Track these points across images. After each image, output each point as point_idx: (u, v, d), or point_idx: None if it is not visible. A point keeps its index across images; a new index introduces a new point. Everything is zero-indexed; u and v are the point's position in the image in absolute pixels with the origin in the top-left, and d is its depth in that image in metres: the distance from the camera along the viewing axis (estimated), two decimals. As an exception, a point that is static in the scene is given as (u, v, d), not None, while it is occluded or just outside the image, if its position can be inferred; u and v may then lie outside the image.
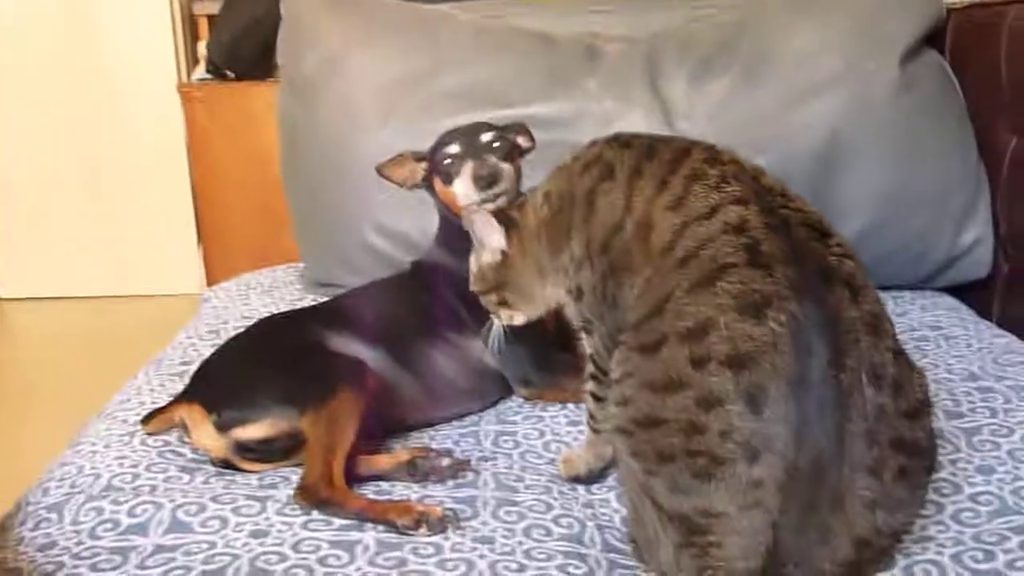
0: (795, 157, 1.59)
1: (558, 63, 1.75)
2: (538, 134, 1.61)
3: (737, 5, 1.86)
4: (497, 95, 1.71)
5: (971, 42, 1.69)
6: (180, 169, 3.24)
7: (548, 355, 1.38)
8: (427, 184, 1.44)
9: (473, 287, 1.21)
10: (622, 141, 1.09)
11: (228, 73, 2.58)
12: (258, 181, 2.44)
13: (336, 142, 1.75)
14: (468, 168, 1.33)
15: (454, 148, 1.37)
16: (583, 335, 1.13)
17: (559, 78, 1.73)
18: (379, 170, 1.45)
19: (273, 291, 1.83)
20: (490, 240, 1.15)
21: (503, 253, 1.14)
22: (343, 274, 1.76)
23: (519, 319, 1.19)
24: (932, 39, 1.70)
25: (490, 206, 1.29)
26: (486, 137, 1.37)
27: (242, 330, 1.38)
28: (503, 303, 1.18)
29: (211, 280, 2.49)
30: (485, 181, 1.32)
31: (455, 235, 1.34)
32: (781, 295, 0.84)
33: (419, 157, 1.43)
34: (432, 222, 1.50)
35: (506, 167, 1.35)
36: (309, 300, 1.72)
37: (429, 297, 1.40)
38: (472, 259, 1.20)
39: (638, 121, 1.65)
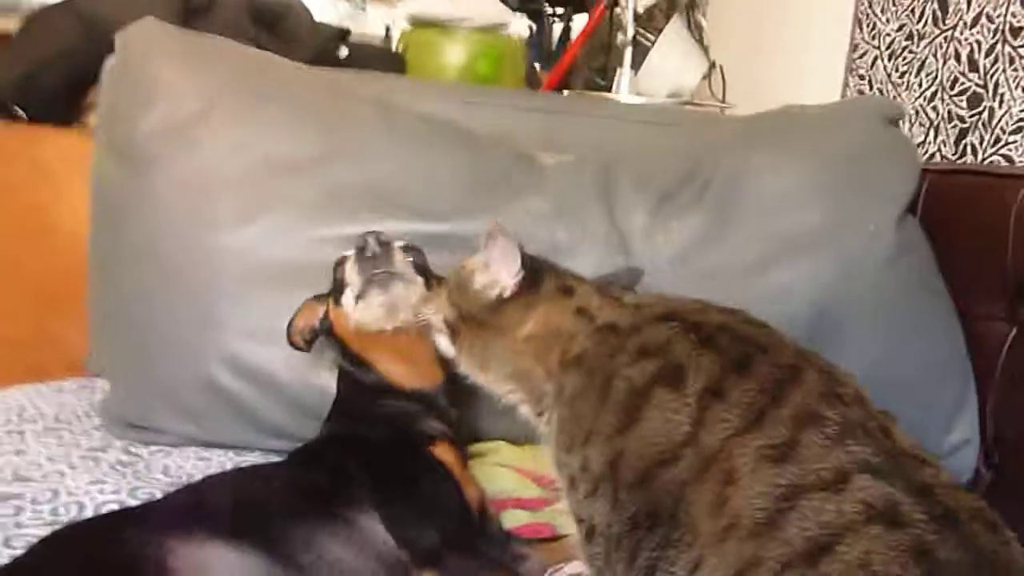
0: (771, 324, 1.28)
1: (489, 169, 1.37)
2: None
3: (693, 128, 1.58)
4: (410, 199, 1.31)
5: (956, 212, 1.48)
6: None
7: (468, 534, 1.03)
8: (326, 324, 1.15)
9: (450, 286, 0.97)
10: (704, 333, 0.76)
11: (17, 111, 1.98)
12: (36, 254, 1.85)
13: (179, 236, 1.26)
14: (354, 253, 1.10)
15: (349, 252, 1.12)
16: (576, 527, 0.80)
17: (492, 189, 1.34)
18: (288, 331, 1.16)
19: (60, 430, 1.28)
20: (498, 271, 0.91)
21: (500, 299, 0.89)
22: (169, 417, 1.27)
23: (444, 345, 0.98)
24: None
25: (377, 305, 1.06)
26: (397, 243, 1.13)
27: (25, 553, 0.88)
28: (453, 332, 0.94)
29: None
30: (369, 252, 1.08)
31: (359, 396, 1.12)
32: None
33: (322, 298, 1.16)
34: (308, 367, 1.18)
35: (402, 256, 1.11)
36: (118, 450, 1.22)
37: (321, 470, 1.05)
38: (465, 263, 0.97)
39: (594, 259, 1.30)
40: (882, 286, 1.34)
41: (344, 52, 1.96)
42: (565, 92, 2.25)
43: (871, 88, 1.92)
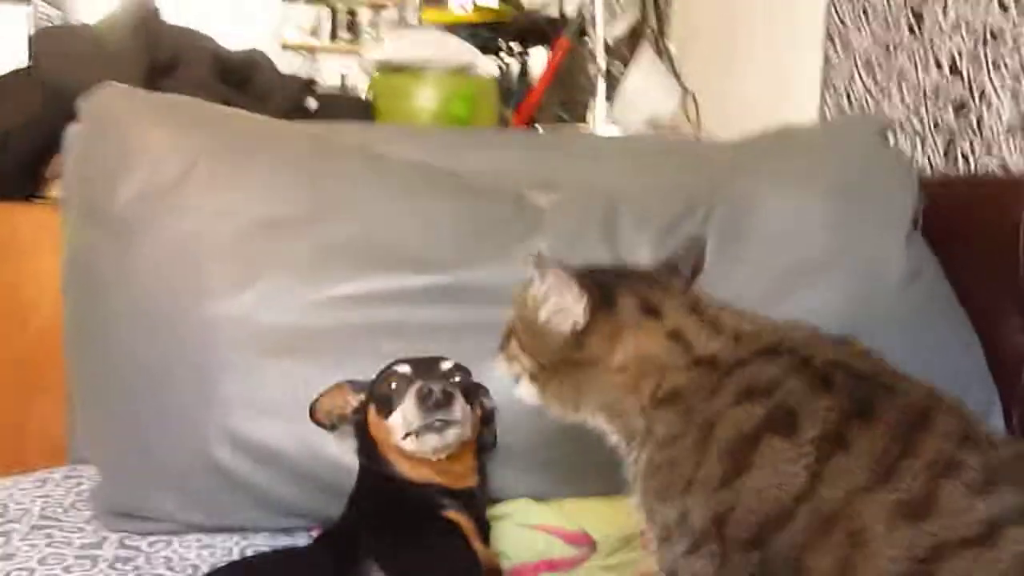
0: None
1: (486, 214, 1.32)
2: (467, 310, 1.19)
3: (682, 157, 1.54)
4: (407, 251, 1.25)
5: (958, 224, 1.44)
6: None
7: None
8: (357, 417, 1.11)
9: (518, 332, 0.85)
10: (818, 371, 0.69)
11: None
12: (7, 336, 1.75)
13: (169, 305, 1.19)
14: (414, 389, 1.03)
15: (403, 368, 1.08)
16: None
17: (491, 234, 1.29)
18: (313, 407, 1.11)
19: (49, 527, 1.19)
20: (560, 302, 0.80)
21: (576, 332, 0.78)
22: (168, 503, 1.18)
23: (527, 394, 0.85)
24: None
25: (435, 443, 1.03)
26: (445, 365, 1.10)
27: None
28: (534, 379, 0.84)
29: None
30: (433, 401, 1.01)
31: (376, 493, 1.09)
32: None
33: (359, 387, 1.11)
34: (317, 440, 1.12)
35: (462, 402, 1.05)
36: (114, 544, 1.14)
37: (335, 546, 1.04)
38: (524, 298, 0.86)
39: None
40: (897, 308, 1.30)
41: (313, 104, 1.91)
42: (538, 128, 2.22)
43: (849, 103, 1.91)
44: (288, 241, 1.22)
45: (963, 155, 1.60)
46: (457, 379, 1.08)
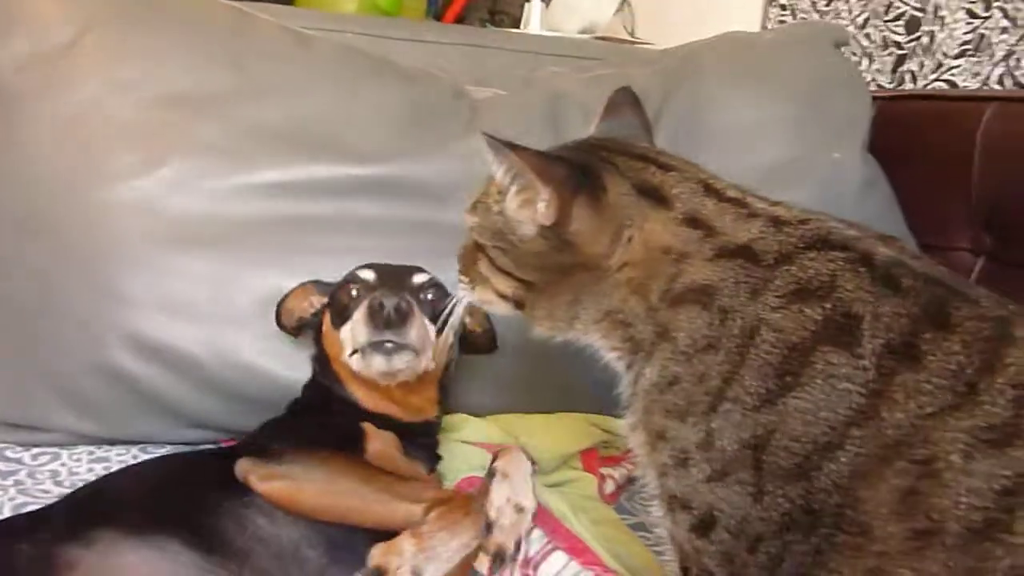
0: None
1: (424, 105, 1.19)
2: (404, 206, 1.08)
3: (626, 61, 1.44)
4: (339, 140, 1.12)
5: (909, 140, 1.40)
6: None
7: (311, 431, 0.92)
8: (316, 321, 1.01)
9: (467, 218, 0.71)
10: (880, 268, 0.57)
11: None
12: None
13: (60, 191, 1.04)
14: (367, 300, 0.91)
15: (367, 274, 0.97)
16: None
17: (430, 126, 1.17)
18: (278, 310, 1.02)
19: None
20: (532, 184, 0.64)
21: (555, 230, 0.64)
22: (57, 411, 1.05)
23: (499, 309, 0.71)
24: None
25: (380, 366, 0.90)
26: (419, 279, 0.98)
27: None
28: (516, 303, 0.70)
29: None
30: (384, 318, 0.89)
31: (323, 405, 0.97)
32: None
33: (323, 290, 1.01)
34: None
35: (427, 324, 0.93)
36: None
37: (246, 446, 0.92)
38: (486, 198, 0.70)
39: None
40: (858, 217, 1.25)
41: (223, -17, 1.72)
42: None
43: (794, 18, 1.84)
44: (202, 121, 1.08)
45: (912, 74, 1.56)
46: (429, 296, 0.96)
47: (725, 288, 0.59)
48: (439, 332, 0.91)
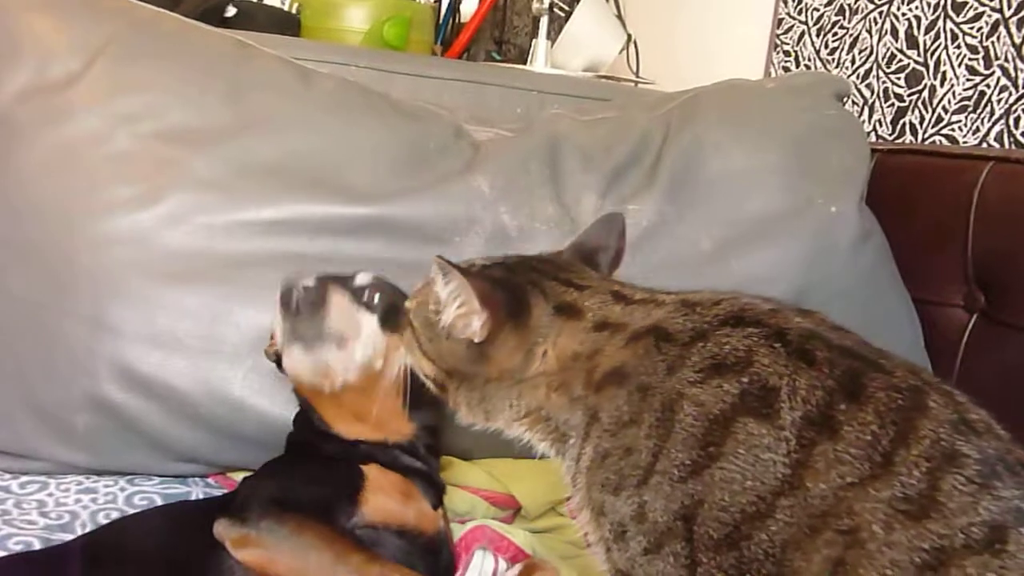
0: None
1: (422, 143, 1.20)
2: (401, 246, 1.09)
3: (629, 102, 1.45)
4: (334, 177, 1.13)
5: (907, 194, 1.40)
6: None
7: (294, 491, 0.86)
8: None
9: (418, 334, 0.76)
10: (794, 345, 0.59)
11: None
12: None
13: (55, 223, 1.05)
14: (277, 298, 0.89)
15: (308, 280, 0.90)
16: None
17: (427, 166, 1.17)
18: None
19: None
20: (467, 306, 0.70)
21: (480, 345, 0.70)
22: (46, 441, 1.05)
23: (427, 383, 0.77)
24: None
25: (300, 359, 0.87)
26: (362, 279, 0.93)
27: None
28: (440, 386, 0.75)
29: None
30: (295, 306, 0.86)
31: (310, 440, 0.94)
32: None
33: None
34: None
35: (364, 315, 0.90)
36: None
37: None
38: (422, 298, 0.76)
39: (542, 247, 1.15)
40: (847, 274, 1.25)
41: (232, 11, 1.74)
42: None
43: (797, 65, 1.85)
44: (199, 156, 1.08)
45: (911, 127, 1.57)
46: (375, 299, 0.91)
47: (641, 367, 0.62)
48: (388, 330, 0.88)
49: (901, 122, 1.59)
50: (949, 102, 1.50)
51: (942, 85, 1.51)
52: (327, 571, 0.78)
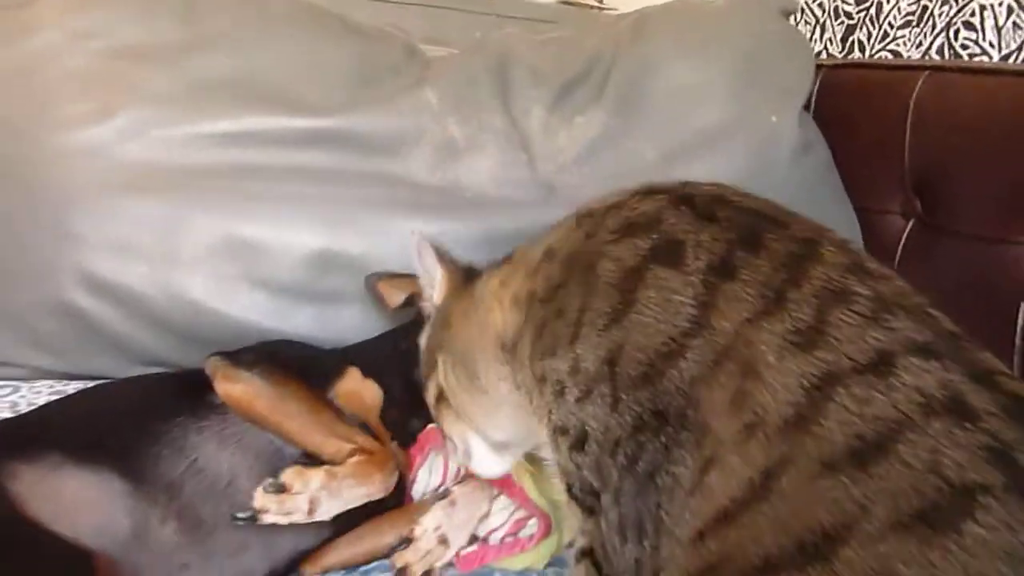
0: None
1: (374, 59, 1.24)
2: (354, 158, 1.13)
3: (582, 24, 1.48)
4: (288, 92, 1.16)
5: (850, 107, 1.44)
6: None
7: (287, 352, 0.99)
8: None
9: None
10: (699, 207, 0.65)
11: None
12: None
13: (16, 138, 1.08)
14: None
15: None
16: (578, 513, 0.66)
17: (379, 81, 1.21)
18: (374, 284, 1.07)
19: None
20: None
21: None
22: (16, 347, 1.11)
23: (476, 448, 0.82)
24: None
25: None
26: None
27: None
28: (440, 399, 0.82)
29: None
30: None
31: None
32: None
33: None
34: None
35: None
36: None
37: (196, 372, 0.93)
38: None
39: (495, 158, 1.20)
40: (788, 183, 1.30)
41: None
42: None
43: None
44: (156, 71, 1.12)
45: (860, 43, 1.60)
46: None
47: (566, 242, 0.69)
48: None
49: (850, 39, 1.62)
50: (895, 18, 1.53)
51: (888, 1, 1.54)
52: (300, 419, 0.87)
